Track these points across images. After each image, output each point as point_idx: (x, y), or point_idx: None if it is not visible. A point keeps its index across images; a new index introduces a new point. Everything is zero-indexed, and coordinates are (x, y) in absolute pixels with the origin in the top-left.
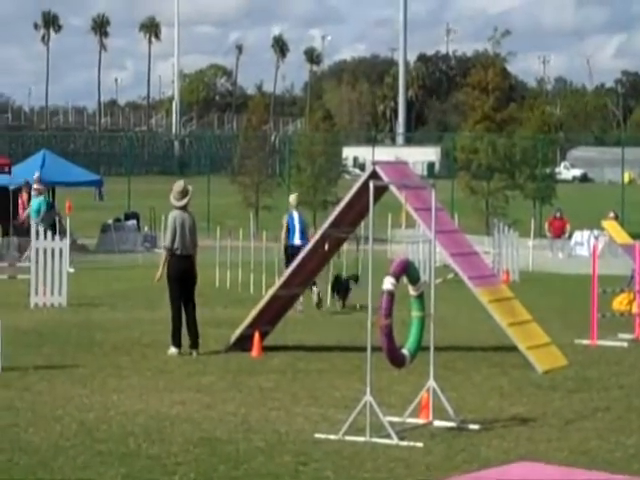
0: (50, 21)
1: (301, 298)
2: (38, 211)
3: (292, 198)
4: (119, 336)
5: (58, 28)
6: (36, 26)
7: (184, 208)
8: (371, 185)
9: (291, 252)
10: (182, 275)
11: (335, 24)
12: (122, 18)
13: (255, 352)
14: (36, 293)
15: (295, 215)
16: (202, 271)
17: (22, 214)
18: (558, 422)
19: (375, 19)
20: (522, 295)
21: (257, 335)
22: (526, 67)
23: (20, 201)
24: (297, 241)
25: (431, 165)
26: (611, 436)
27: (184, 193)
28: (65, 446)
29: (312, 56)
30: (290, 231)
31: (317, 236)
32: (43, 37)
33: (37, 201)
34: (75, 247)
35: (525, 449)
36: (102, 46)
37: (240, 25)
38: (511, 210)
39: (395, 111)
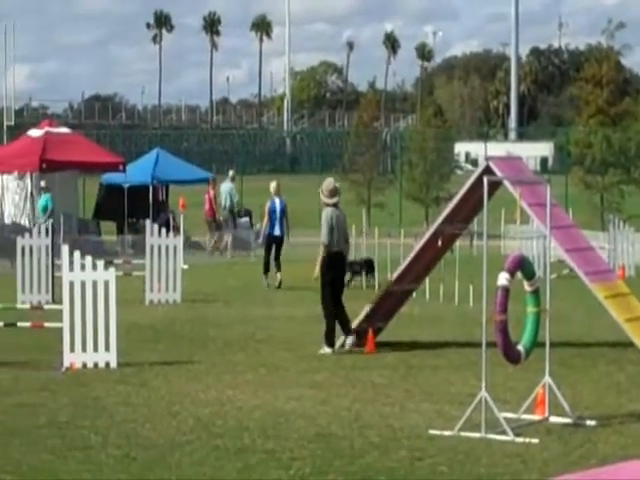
0: (162, 21)
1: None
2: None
3: (272, 185)
4: (233, 332)
5: (170, 28)
6: (148, 26)
7: (336, 205)
8: (485, 180)
9: (268, 242)
10: (335, 271)
11: (449, 20)
12: (233, 17)
13: (369, 348)
14: (151, 290)
15: (277, 203)
16: (314, 268)
17: (208, 209)
18: None
19: (489, 14)
20: (638, 291)
21: (370, 331)
22: None
23: (207, 197)
24: (277, 231)
25: (544, 160)
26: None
27: (335, 190)
28: (181, 441)
29: (423, 52)
30: (272, 220)
31: (430, 232)
32: (155, 37)
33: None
34: (189, 244)
35: None
36: (214, 45)
37: (353, 22)
38: (626, 205)
39: (507, 106)
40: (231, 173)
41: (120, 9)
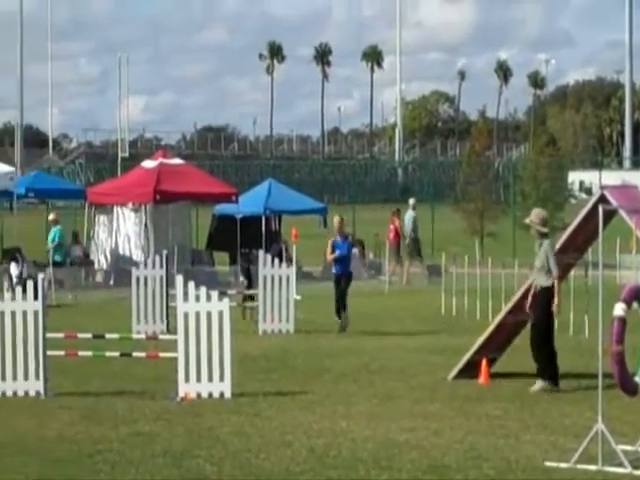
0: (275, 52)
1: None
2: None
3: (335, 221)
4: (346, 363)
5: (282, 58)
6: (260, 56)
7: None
8: (600, 209)
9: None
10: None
11: (564, 47)
12: (344, 47)
13: (482, 379)
14: (264, 320)
15: (339, 239)
16: (429, 297)
17: (393, 238)
18: None
19: (605, 41)
20: None
21: (484, 362)
22: None
23: (392, 227)
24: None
25: None
26: None
27: (546, 220)
28: (295, 471)
29: (536, 80)
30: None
31: None
32: (267, 67)
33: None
34: (301, 274)
35: None
36: (325, 75)
37: (467, 51)
38: None
39: (621, 134)
40: (412, 201)
41: (233, 41)
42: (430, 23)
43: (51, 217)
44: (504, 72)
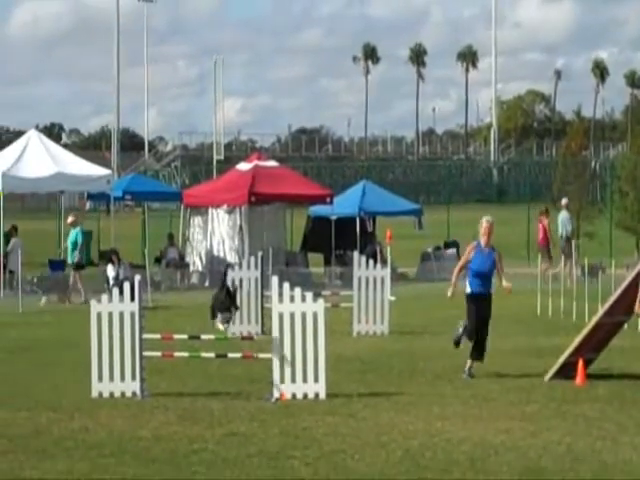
0: (369, 53)
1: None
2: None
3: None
4: (441, 364)
5: (377, 60)
6: (355, 59)
7: None
8: None
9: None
10: None
11: None
12: (440, 47)
13: (579, 380)
14: (359, 321)
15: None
16: (525, 299)
17: (542, 238)
18: None
19: None
20: None
21: (581, 362)
22: None
23: (541, 226)
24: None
25: None
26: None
27: None
28: (391, 473)
29: (633, 79)
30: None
31: None
32: (363, 69)
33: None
34: (396, 276)
35: None
36: (420, 76)
37: (566, 51)
38: None
39: None
40: (564, 201)
41: (329, 43)
42: (528, 23)
43: (70, 220)
44: (601, 71)
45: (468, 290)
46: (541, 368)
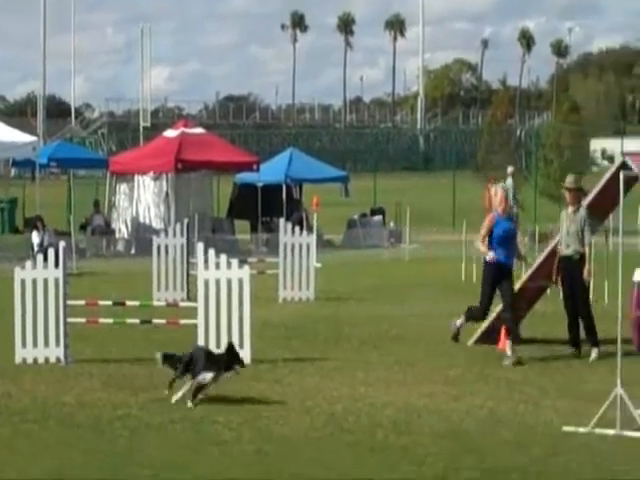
0: (297, 21)
1: None
2: None
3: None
4: (366, 330)
5: (305, 28)
6: (283, 27)
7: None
8: (621, 176)
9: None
10: None
11: (592, 15)
12: (368, 16)
13: (502, 345)
14: (284, 288)
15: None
16: (449, 265)
17: (488, 207)
18: None
19: (633, 9)
20: None
21: (504, 327)
22: None
23: (487, 194)
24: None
25: None
26: None
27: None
28: (314, 437)
29: (559, 49)
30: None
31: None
32: (291, 37)
33: None
34: (322, 243)
35: None
36: (348, 44)
37: (493, 20)
38: None
39: None
40: (510, 170)
41: (258, 10)
42: None
43: None
44: (527, 41)
45: (491, 257)
46: (465, 333)
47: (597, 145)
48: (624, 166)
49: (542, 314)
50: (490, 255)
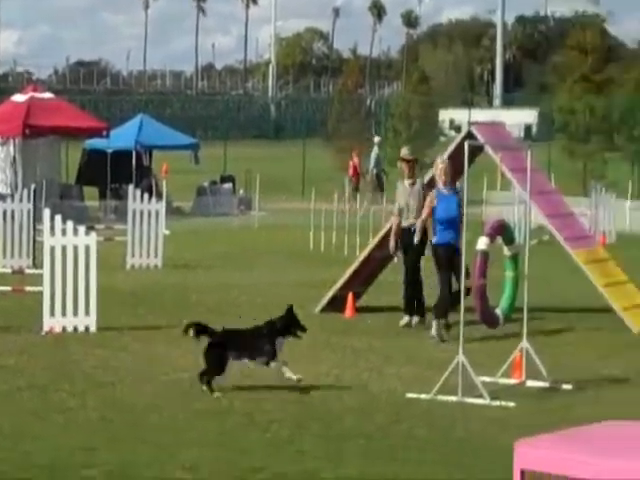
0: None
1: None
2: None
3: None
4: (214, 297)
5: None
6: None
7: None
8: (466, 145)
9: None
10: None
11: None
12: None
13: (348, 313)
14: (132, 255)
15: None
16: (298, 233)
17: (352, 175)
18: None
19: None
20: (619, 256)
21: (350, 296)
22: (626, 28)
23: (351, 163)
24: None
25: (528, 127)
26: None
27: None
28: (160, 404)
29: (409, 19)
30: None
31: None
32: (143, 2)
33: None
34: (171, 210)
35: (619, 409)
36: (201, 10)
37: None
38: (609, 172)
39: (492, 73)
40: (377, 139)
41: None
42: None
43: None
44: (378, 10)
45: (436, 240)
46: (313, 301)
47: (445, 115)
48: (470, 136)
49: (389, 283)
50: (416, 237)
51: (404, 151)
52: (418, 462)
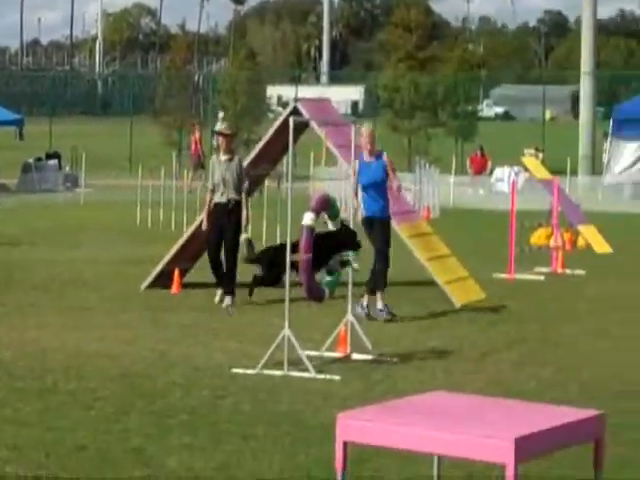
0: None
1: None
2: None
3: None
4: (39, 274)
5: None
6: None
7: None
8: (291, 121)
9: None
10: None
11: None
12: None
13: (175, 289)
14: None
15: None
16: (124, 209)
17: (194, 151)
18: (475, 354)
19: None
20: (442, 230)
21: (177, 272)
22: (450, 6)
23: (193, 138)
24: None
25: (355, 104)
26: (526, 367)
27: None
28: None
29: None
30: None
31: None
32: None
33: None
34: None
35: (441, 380)
36: None
37: None
38: (433, 147)
39: (319, 50)
40: (221, 115)
41: None
42: None
43: None
44: None
45: (364, 214)
46: (139, 278)
47: (273, 92)
48: (295, 112)
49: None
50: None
51: (221, 125)
52: (243, 437)
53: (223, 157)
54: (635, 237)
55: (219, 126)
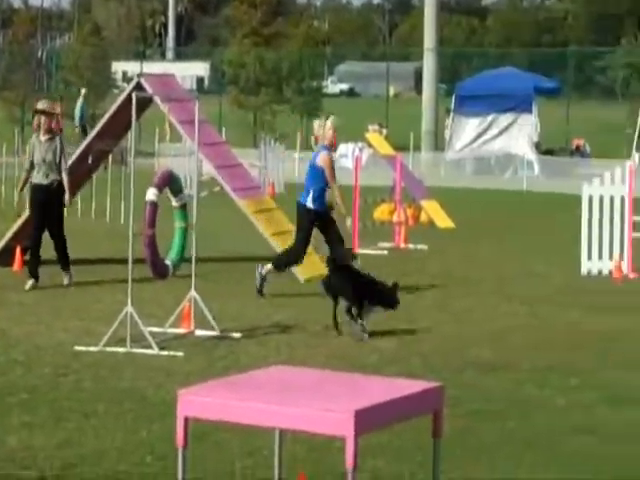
0: None
1: None
2: None
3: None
4: None
5: None
6: None
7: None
8: (134, 96)
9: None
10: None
11: None
12: None
13: (17, 267)
14: None
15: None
16: None
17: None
18: (318, 328)
19: None
20: (287, 206)
21: (19, 249)
22: None
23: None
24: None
25: (200, 80)
26: (369, 341)
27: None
28: None
29: None
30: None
31: (81, 149)
32: None
33: None
34: None
35: (285, 355)
36: None
37: None
38: (279, 124)
39: (165, 26)
40: (83, 91)
41: None
42: None
43: None
44: None
45: (316, 206)
46: None
47: (118, 67)
48: (139, 87)
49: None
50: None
51: (43, 102)
52: (85, 414)
53: (43, 137)
54: (477, 212)
55: (81, 102)
